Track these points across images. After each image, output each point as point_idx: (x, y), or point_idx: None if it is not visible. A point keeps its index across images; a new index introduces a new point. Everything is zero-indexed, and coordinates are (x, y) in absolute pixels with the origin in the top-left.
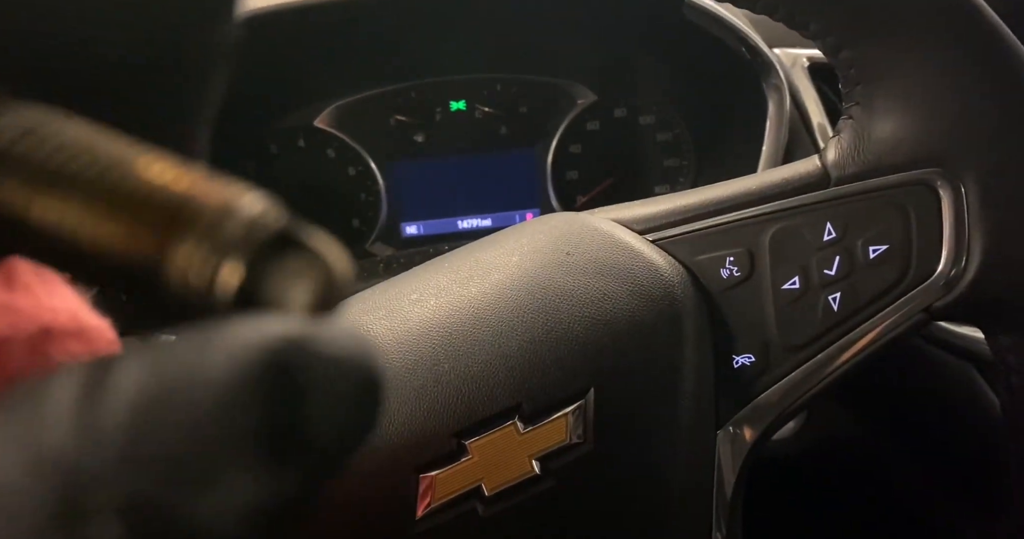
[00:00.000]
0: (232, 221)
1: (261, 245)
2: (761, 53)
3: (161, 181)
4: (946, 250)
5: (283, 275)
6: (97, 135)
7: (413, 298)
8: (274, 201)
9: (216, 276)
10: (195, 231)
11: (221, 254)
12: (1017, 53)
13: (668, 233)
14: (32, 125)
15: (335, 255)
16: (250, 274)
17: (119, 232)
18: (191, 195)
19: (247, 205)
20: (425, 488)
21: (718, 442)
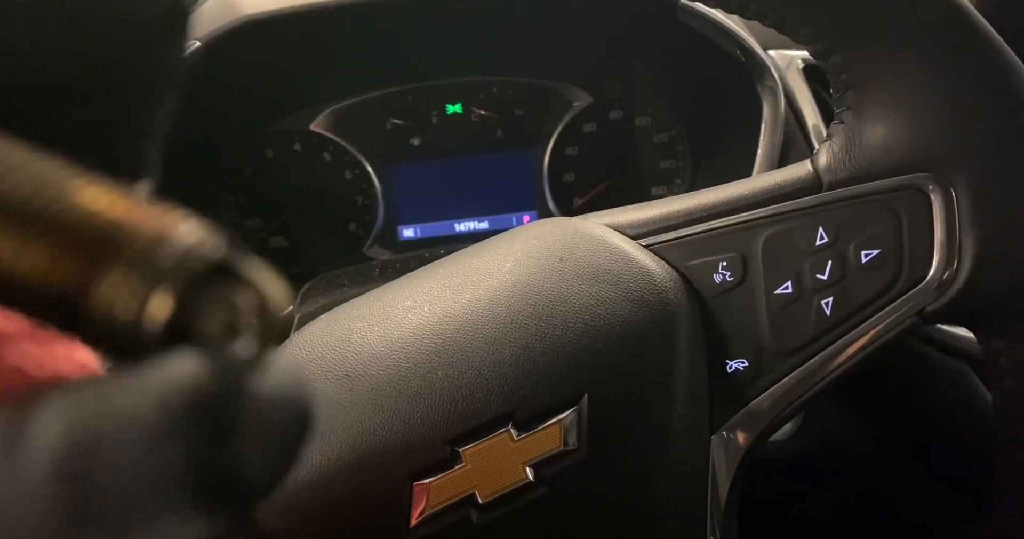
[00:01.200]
0: (164, 251)
1: (194, 277)
2: (755, 55)
3: (94, 206)
4: (938, 254)
5: (217, 308)
6: (28, 156)
7: (407, 305)
8: (212, 231)
9: (144, 308)
10: (124, 260)
11: (150, 285)
12: (1006, 57)
13: (661, 238)
14: None
15: (274, 288)
16: (181, 306)
17: (43, 258)
18: (124, 222)
19: (183, 234)
20: (419, 496)
21: (712, 447)
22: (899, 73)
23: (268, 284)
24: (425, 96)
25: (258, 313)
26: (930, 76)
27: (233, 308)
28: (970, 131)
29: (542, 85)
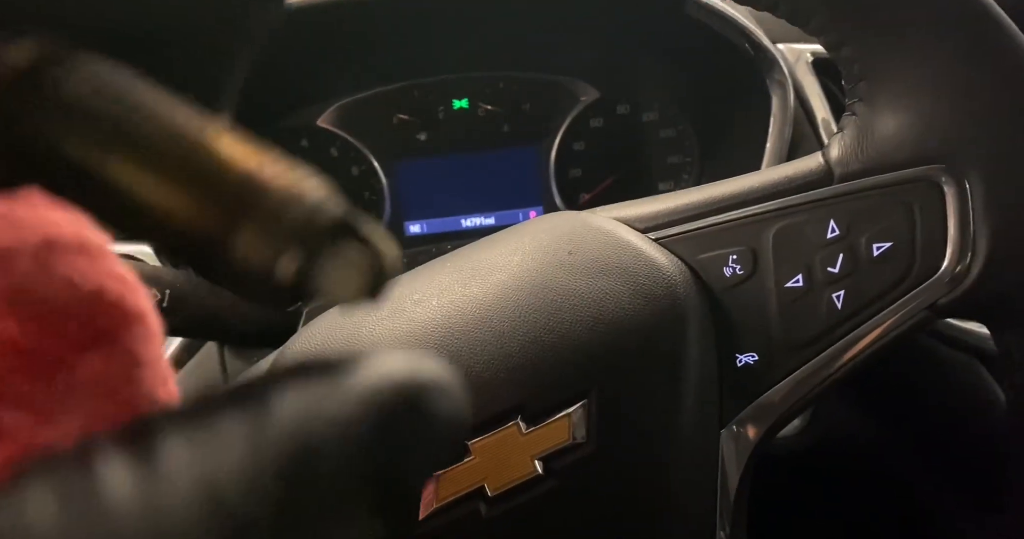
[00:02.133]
0: (296, 207)
1: (320, 233)
2: (764, 49)
3: (230, 154)
4: (951, 247)
5: (338, 262)
6: (165, 98)
7: (415, 298)
8: (332, 188)
9: (276, 261)
10: (261, 214)
11: (282, 240)
12: (1021, 48)
13: (670, 232)
14: (104, 81)
15: (386, 244)
16: (307, 260)
17: (188, 204)
18: (258, 173)
19: (311, 190)
20: (428, 489)
21: (722, 441)
22: (912, 64)
23: (382, 242)
24: (432, 91)
25: (374, 268)
26: (944, 67)
27: (352, 263)
28: (985, 123)
29: (549, 80)
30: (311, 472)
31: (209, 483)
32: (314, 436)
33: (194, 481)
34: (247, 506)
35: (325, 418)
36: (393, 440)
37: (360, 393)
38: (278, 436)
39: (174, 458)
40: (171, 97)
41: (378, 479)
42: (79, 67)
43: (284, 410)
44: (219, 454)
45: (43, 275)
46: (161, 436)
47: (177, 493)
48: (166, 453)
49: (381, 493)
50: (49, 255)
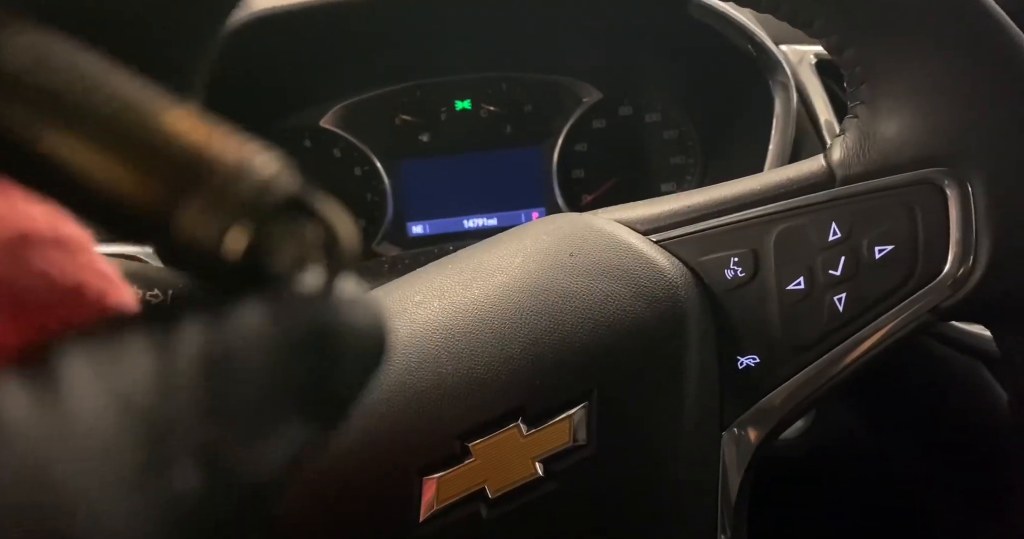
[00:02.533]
0: (244, 182)
1: (270, 209)
2: (767, 50)
3: (177, 128)
4: (953, 250)
5: (290, 239)
6: (113, 71)
7: (416, 300)
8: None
9: (223, 237)
10: (207, 189)
11: (229, 216)
12: (1021, 50)
13: (672, 234)
14: (47, 52)
15: (342, 222)
16: (257, 237)
17: (131, 178)
18: (206, 148)
19: (260, 166)
20: (429, 490)
21: (723, 444)
22: (914, 66)
23: (337, 219)
24: (434, 92)
25: (327, 246)
26: (947, 70)
27: (304, 240)
28: (988, 125)
29: (551, 81)
30: (228, 375)
31: (116, 392)
32: (230, 343)
33: (100, 392)
34: (163, 409)
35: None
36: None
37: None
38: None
39: (77, 376)
40: (119, 70)
41: (297, 383)
42: (19, 35)
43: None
44: (126, 367)
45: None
46: (64, 360)
47: (84, 406)
48: (69, 373)
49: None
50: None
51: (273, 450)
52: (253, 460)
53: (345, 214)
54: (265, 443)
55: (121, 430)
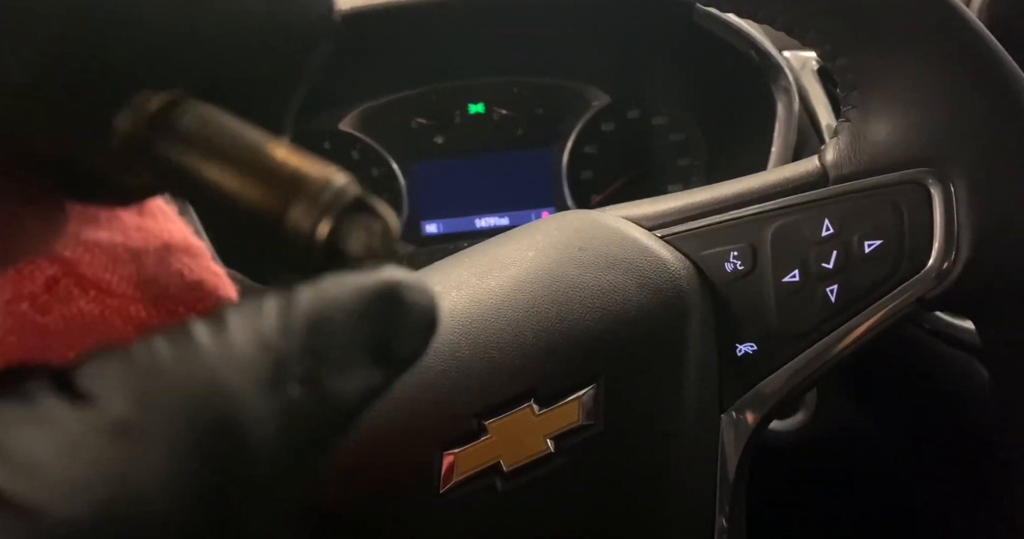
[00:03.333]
0: (327, 191)
1: (344, 208)
2: (770, 56)
3: (282, 159)
4: (937, 245)
5: (357, 228)
6: (242, 125)
7: (436, 290)
8: (352, 177)
9: (316, 228)
10: (304, 197)
11: (320, 213)
12: (1001, 60)
13: (676, 229)
14: (206, 116)
15: (390, 215)
16: (336, 226)
17: (258, 192)
18: (301, 169)
19: (336, 179)
20: (448, 464)
21: (722, 426)
22: (901, 75)
23: (387, 213)
24: (449, 96)
25: (383, 232)
26: (929, 78)
27: (367, 230)
28: (967, 129)
29: (562, 85)
30: (325, 329)
31: (258, 333)
32: (325, 310)
33: (249, 331)
34: (283, 346)
35: (333, 300)
36: (379, 315)
37: (355, 285)
38: (301, 308)
39: (235, 321)
40: (246, 123)
41: (372, 340)
42: (190, 108)
43: (304, 294)
44: (263, 319)
45: (163, 270)
46: (227, 313)
47: (241, 342)
48: (231, 320)
49: (376, 350)
50: (167, 255)
51: (352, 386)
52: (338, 391)
53: (392, 211)
54: (343, 380)
55: (257, 355)
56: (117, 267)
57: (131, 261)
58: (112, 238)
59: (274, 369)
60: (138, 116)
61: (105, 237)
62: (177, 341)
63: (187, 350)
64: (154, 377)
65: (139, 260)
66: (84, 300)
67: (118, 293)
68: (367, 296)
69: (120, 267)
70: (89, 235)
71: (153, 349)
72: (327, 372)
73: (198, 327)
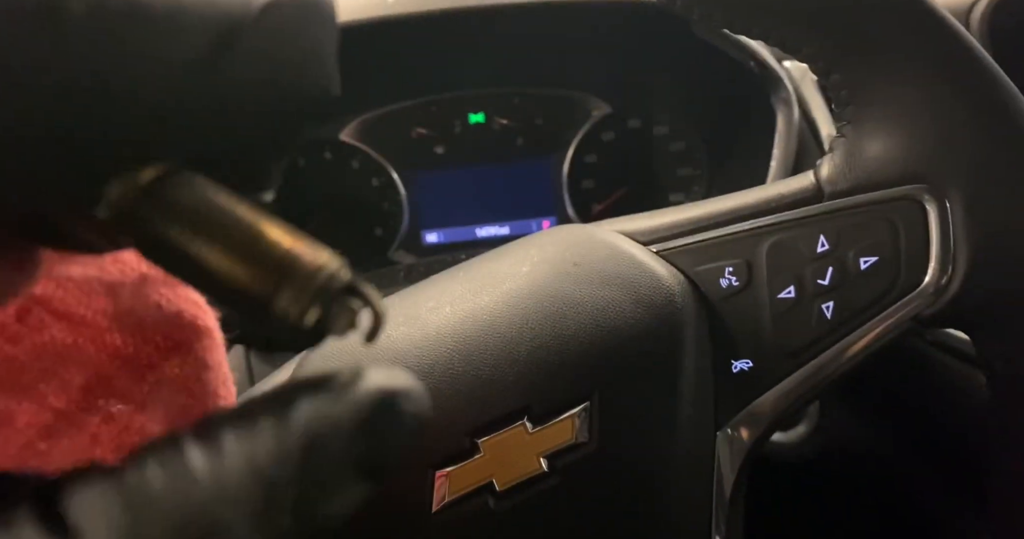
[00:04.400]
0: (318, 276)
1: (334, 292)
2: (769, 67)
3: (275, 239)
4: (933, 261)
5: (346, 313)
6: (234, 200)
7: (430, 306)
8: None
9: (304, 314)
10: (295, 281)
11: (309, 301)
12: (995, 76)
13: (671, 244)
14: (196, 189)
15: (378, 300)
16: (324, 312)
17: (245, 273)
18: (293, 252)
19: (328, 263)
20: (440, 483)
21: (717, 443)
22: (895, 91)
23: (375, 298)
24: (449, 106)
25: (372, 316)
26: (924, 94)
27: (353, 313)
28: (962, 145)
29: (562, 95)
30: (320, 451)
31: (253, 459)
32: (321, 430)
33: (244, 458)
34: (278, 473)
35: (329, 418)
36: (374, 430)
37: (352, 400)
38: (296, 429)
39: (230, 444)
40: (236, 197)
41: (365, 457)
42: (180, 181)
43: (300, 412)
44: (258, 442)
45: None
46: (222, 430)
47: (234, 466)
48: (225, 441)
49: (367, 466)
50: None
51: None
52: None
53: (379, 294)
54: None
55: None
56: (91, 301)
57: (106, 294)
58: (86, 272)
59: (266, 500)
60: (128, 187)
61: (78, 272)
62: (169, 465)
63: (179, 478)
64: (144, 510)
65: (115, 293)
66: (57, 328)
67: (92, 324)
68: (364, 410)
69: (94, 301)
70: (61, 270)
71: (145, 476)
72: (318, 497)
73: (191, 448)
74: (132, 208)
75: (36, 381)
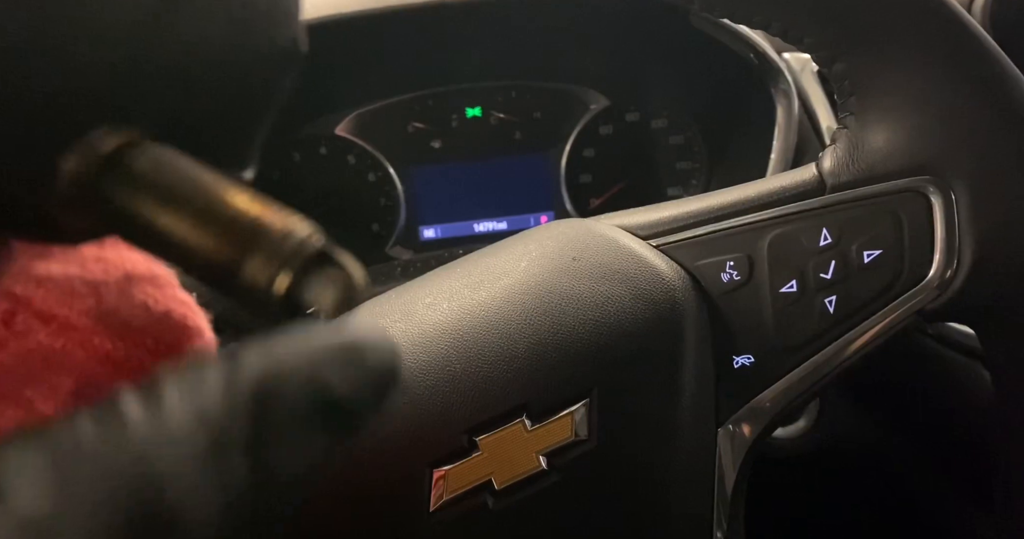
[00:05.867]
0: (287, 242)
1: (305, 259)
2: (769, 59)
3: (242, 207)
4: (938, 255)
5: (319, 281)
6: (199, 169)
7: (427, 302)
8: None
9: (274, 281)
10: (263, 248)
11: (278, 267)
12: (1002, 65)
13: (671, 239)
14: (161, 159)
15: (356, 268)
16: (295, 280)
17: (212, 243)
18: (261, 218)
19: (298, 229)
20: (438, 482)
21: (719, 439)
22: (899, 81)
23: (352, 266)
24: (445, 100)
25: (346, 286)
26: (929, 84)
27: (330, 280)
28: (968, 136)
29: (559, 88)
30: (271, 397)
31: (197, 406)
32: (271, 376)
33: (186, 406)
34: (227, 422)
35: (281, 365)
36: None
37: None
38: (245, 376)
39: (172, 394)
40: (203, 166)
41: (323, 404)
42: (145, 150)
43: (249, 360)
44: (203, 390)
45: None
46: (164, 383)
47: (176, 416)
48: (167, 391)
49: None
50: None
51: (302, 453)
52: (286, 460)
53: (357, 262)
54: (296, 446)
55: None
56: (74, 301)
57: (89, 294)
58: (67, 271)
59: (214, 442)
60: (88, 158)
61: (59, 270)
62: (103, 420)
63: (114, 430)
64: (74, 464)
65: (98, 293)
66: (44, 333)
67: (78, 327)
68: (323, 358)
69: (77, 301)
70: (41, 269)
71: (76, 431)
72: (274, 443)
73: (129, 402)
74: (93, 180)
75: (22, 386)
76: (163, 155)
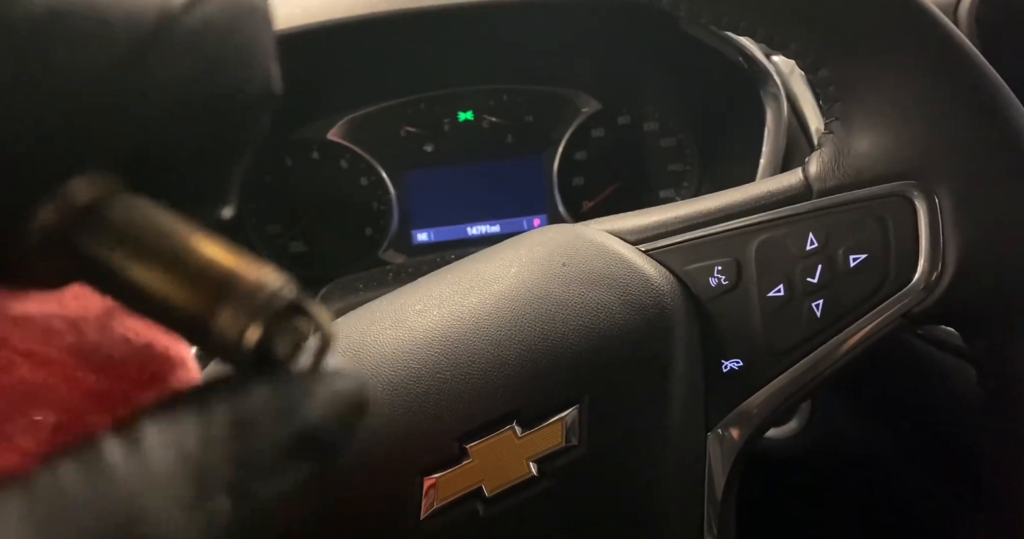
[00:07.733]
0: (258, 295)
1: (277, 311)
2: (758, 63)
3: (215, 259)
4: (923, 258)
5: (290, 333)
6: (173, 221)
7: (417, 308)
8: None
9: (244, 333)
10: (234, 301)
11: (248, 319)
12: (984, 71)
13: (659, 243)
14: (134, 211)
15: (326, 319)
16: (266, 332)
17: (184, 295)
18: (233, 271)
19: (270, 281)
20: (428, 490)
21: (708, 444)
22: (883, 87)
23: (323, 317)
24: (438, 104)
25: (318, 337)
26: (912, 90)
27: (299, 333)
28: (951, 141)
29: (551, 92)
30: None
31: (177, 445)
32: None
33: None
34: (206, 455)
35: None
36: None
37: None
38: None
39: (151, 434)
40: (177, 216)
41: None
42: (119, 201)
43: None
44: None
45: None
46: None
47: (157, 459)
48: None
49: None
50: (109, 320)
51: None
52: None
53: (328, 313)
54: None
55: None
56: (53, 339)
57: (69, 331)
58: (45, 309)
59: (197, 483)
60: (62, 210)
61: (36, 309)
62: (84, 464)
63: (96, 473)
64: (59, 511)
65: (78, 329)
66: (26, 367)
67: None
68: (290, 392)
69: (56, 339)
70: (17, 309)
71: (57, 476)
72: (254, 476)
73: (109, 444)
74: (67, 232)
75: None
76: (137, 207)
